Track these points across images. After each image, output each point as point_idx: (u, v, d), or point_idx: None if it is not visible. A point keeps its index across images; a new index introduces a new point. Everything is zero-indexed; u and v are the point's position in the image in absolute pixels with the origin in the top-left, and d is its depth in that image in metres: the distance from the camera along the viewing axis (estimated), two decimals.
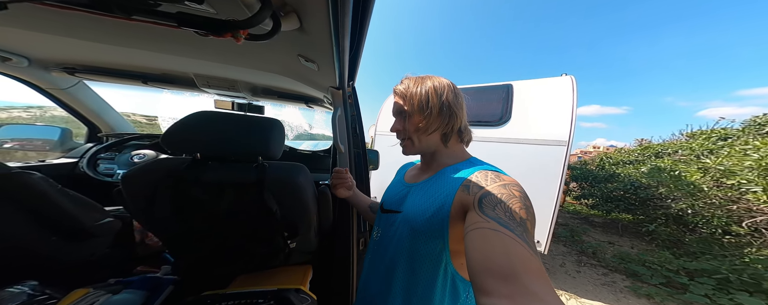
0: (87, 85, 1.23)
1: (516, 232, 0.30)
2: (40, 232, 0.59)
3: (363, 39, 0.52)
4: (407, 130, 0.49)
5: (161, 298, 0.63)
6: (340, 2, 0.36)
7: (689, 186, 3.03)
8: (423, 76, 0.49)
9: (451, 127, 0.48)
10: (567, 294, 2.12)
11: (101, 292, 0.54)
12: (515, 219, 0.32)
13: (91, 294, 0.53)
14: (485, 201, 0.35)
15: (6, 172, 0.54)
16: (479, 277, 0.27)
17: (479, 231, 0.31)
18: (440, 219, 0.40)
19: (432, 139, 0.49)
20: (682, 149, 3.98)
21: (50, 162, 1.10)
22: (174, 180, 0.57)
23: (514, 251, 0.28)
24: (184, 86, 1.14)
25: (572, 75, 1.95)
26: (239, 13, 0.41)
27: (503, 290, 0.25)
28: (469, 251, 0.30)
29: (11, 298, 0.47)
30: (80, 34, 0.64)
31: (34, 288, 0.50)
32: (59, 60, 0.92)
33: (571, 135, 1.76)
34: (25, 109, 2.05)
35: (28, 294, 0.49)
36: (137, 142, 1.30)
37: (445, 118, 0.47)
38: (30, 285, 0.50)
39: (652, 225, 3.31)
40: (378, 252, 0.52)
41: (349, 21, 0.41)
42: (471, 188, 0.39)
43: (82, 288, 0.55)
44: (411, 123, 0.48)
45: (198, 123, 0.59)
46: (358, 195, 0.77)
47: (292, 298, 0.59)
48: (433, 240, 0.41)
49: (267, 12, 0.37)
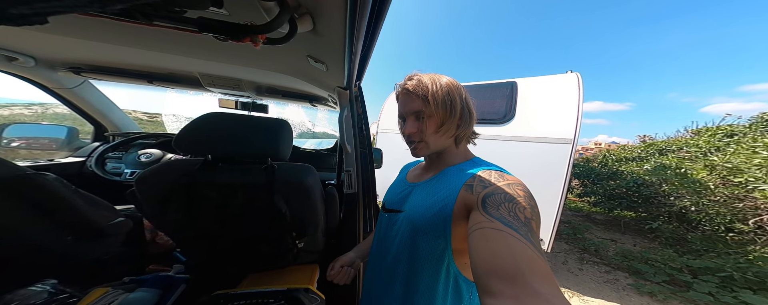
0: (92, 84, 1.24)
1: (520, 232, 0.29)
2: (56, 232, 0.60)
3: (375, 40, 0.52)
4: (424, 132, 0.46)
5: (174, 297, 0.64)
6: (358, 4, 0.36)
7: (695, 184, 3.01)
8: (432, 74, 0.46)
9: (468, 129, 0.47)
10: (570, 292, 2.13)
11: (119, 291, 0.56)
12: (520, 218, 0.32)
13: (110, 293, 0.54)
14: (489, 201, 0.35)
15: (21, 174, 0.55)
16: (484, 278, 0.27)
17: (483, 231, 0.31)
18: (443, 219, 0.40)
19: (447, 141, 0.47)
20: (687, 146, 3.94)
21: (59, 162, 1.11)
22: (187, 181, 0.58)
23: (519, 251, 0.27)
24: (189, 85, 1.15)
25: (578, 72, 1.93)
26: (257, 16, 0.41)
27: (508, 291, 0.24)
28: (474, 251, 0.30)
29: (33, 296, 0.48)
30: (86, 34, 0.64)
31: (54, 287, 0.51)
32: (65, 60, 0.93)
33: (576, 133, 1.74)
34: (26, 106, 2.06)
35: (49, 293, 0.50)
36: (143, 141, 1.31)
37: (465, 121, 0.45)
38: (50, 284, 0.51)
39: (655, 222, 3.30)
40: (380, 252, 0.51)
41: (365, 23, 0.41)
42: (474, 188, 0.39)
43: (102, 287, 0.56)
44: (430, 124, 0.45)
45: (208, 125, 0.60)
46: (361, 246, 0.67)
47: (302, 298, 0.60)
48: (436, 240, 0.41)
49: (285, 16, 0.37)
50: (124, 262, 0.76)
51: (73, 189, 0.62)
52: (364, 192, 0.99)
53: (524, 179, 0.39)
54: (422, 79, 0.45)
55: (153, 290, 0.62)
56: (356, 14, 0.38)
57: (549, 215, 1.79)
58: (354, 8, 0.37)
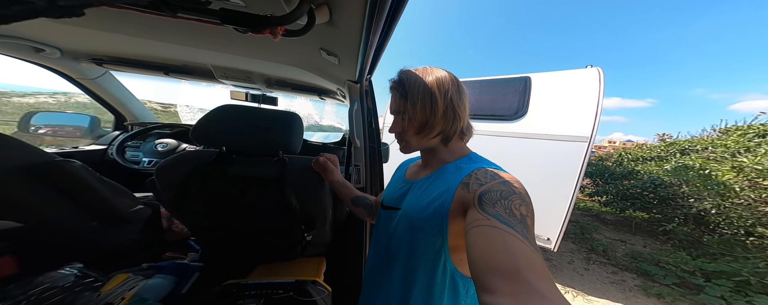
0: (113, 75, 1.27)
1: (517, 229, 0.30)
2: (82, 217, 0.64)
3: (391, 33, 0.50)
4: (405, 132, 0.46)
5: (189, 284, 0.67)
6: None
7: (719, 186, 2.86)
8: (423, 69, 0.45)
9: (454, 129, 0.45)
10: (574, 292, 2.12)
11: (139, 277, 0.59)
12: (516, 215, 0.32)
13: (131, 279, 0.58)
14: (485, 199, 0.35)
15: (51, 161, 0.58)
16: (481, 275, 0.27)
17: (480, 228, 0.31)
18: (439, 216, 0.40)
19: (430, 142, 0.47)
20: (713, 146, 3.71)
21: (83, 149, 1.16)
22: (202, 173, 0.60)
23: (516, 248, 0.28)
24: (202, 77, 1.16)
25: (599, 67, 1.82)
26: (276, 7, 0.40)
27: (506, 288, 0.25)
28: (471, 249, 0.30)
29: (62, 279, 0.52)
30: (108, 26, 0.65)
31: (80, 271, 0.55)
32: (88, 51, 0.95)
33: (594, 131, 1.67)
34: (51, 95, 2.16)
35: (76, 276, 0.54)
36: (160, 131, 1.35)
37: (448, 121, 0.44)
38: (77, 268, 0.55)
39: (670, 224, 3.19)
40: (378, 249, 0.52)
41: (385, 15, 0.39)
42: (471, 185, 0.39)
43: (123, 273, 0.60)
44: (410, 125, 0.45)
45: (223, 116, 0.61)
46: (345, 185, 0.70)
47: (310, 289, 0.62)
48: (432, 237, 0.41)
49: (305, 7, 0.36)
50: (143, 249, 0.81)
51: (97, 176, 0.65)
52: (372, 187, 0.99)
53: (534, 177, 0.38)
54: (406, 77, 0.44)
55: (169, 277, 0.66)
56: (377, 5, 0.36)
57: (558, 215, 1.76)
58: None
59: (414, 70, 0.45)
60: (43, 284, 0.49)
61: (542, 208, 1.81)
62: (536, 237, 1.91)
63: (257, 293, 0.58)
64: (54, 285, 0.50)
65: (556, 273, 2.39)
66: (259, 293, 0.59)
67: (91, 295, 0.52)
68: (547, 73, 2.03)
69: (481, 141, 2.11)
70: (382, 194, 0.59)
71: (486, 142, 2.05)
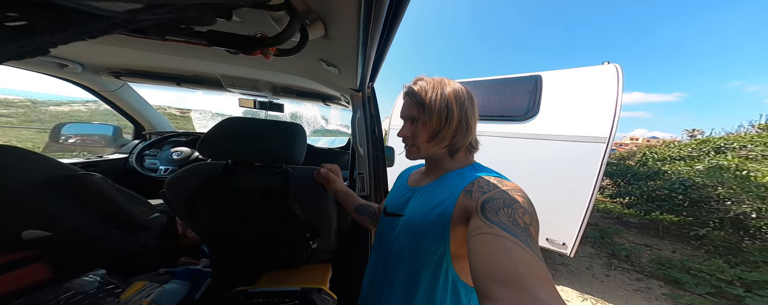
0: (131, 87, 1.35)
1: (519, 238, 0.30)
2: (104, 226, 0.68)
3: (390, 43, 0.50)
4: (416, 138, 0.47)
5: (202, 289, 0.70)
6: (373, 8, 0.34)
7: (758, 188, 2.62)
8: (440, 79, 0.46)
9: (464, 142, 0.46)
10: (593, 299, 2.01)
11: (155, 284, 0.62)
12: (519, 224, 0.32)
13: (148, 287, 0.61)
14: (488, 207, 0.35)
15: (74, 174, 0.62)
16: (483, 283, 0.27)
17: (482, 236, 0.31)
18: (441, 224, 0.40)
19: (440, 150, 0.47)
20: (752, 143, 3.40)
21: (107, 158, 1.25)
22: (209, 185, 0.62)
23: (519, 256, 0.27)
24: (212, 86, 1.21)
25: (617, 63, 1.72)
26: (267, 27, 0.41)
27: (508, 296, 0.24)
28: (473, 257, 0.30)
29: (86, 285, 0.56)
30: (123, 43, 0.71)
31: (103, 277, 0.59)
32: (107, 65, 1.03)
33: (613, 131, 1.58)
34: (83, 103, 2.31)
35: (99, 282, 0.57)
36: (176, 139, 1.42)
37: (461, 133, 0.45)
38: (100, 275, 0.59)
39: (703, 228, 2.95)
40: (380, 256, 0.52)
41: (381, 27, 0.39)
42: (473, 193, 0.39)
43: (140, 281, 0.63)
44: (422, 131, 0.45)
45: (227, 130, 0.63)
46: (348, 194, 0.72)
47: (315, 298, 0.63)
48: (434, 243, 0.41)
49: (296, 25, 0.37)
50: (160, 254, 0.85)
51: (115, 187, 0.69)
52: (377, 194, 0.99)
53: (547, 180, 0.37)
54: (425, 84, 0.45)
55: (184, 282, 0.69)
56: (371, 18, 0.36)
57: (575, 218, 1.67)
58: (368, 12, 0.35)
59: (431, 79, 0.46)
60: (70, 290, 0.53)
61: (557, 212, 1.73)
62: (551, 241, 1.85)
63: (263, 301, 0.60)
64: (80, 291, 0.54)
65: (572, 279, 2.27)
66: (266, 301, 0.60)
67: (112, 301, 0.56)
68: (560, 71, 1.94)
69: (488, 142, 2.05)
70: (385, 201, 0.59)
71: (495, 143, 2.00)
